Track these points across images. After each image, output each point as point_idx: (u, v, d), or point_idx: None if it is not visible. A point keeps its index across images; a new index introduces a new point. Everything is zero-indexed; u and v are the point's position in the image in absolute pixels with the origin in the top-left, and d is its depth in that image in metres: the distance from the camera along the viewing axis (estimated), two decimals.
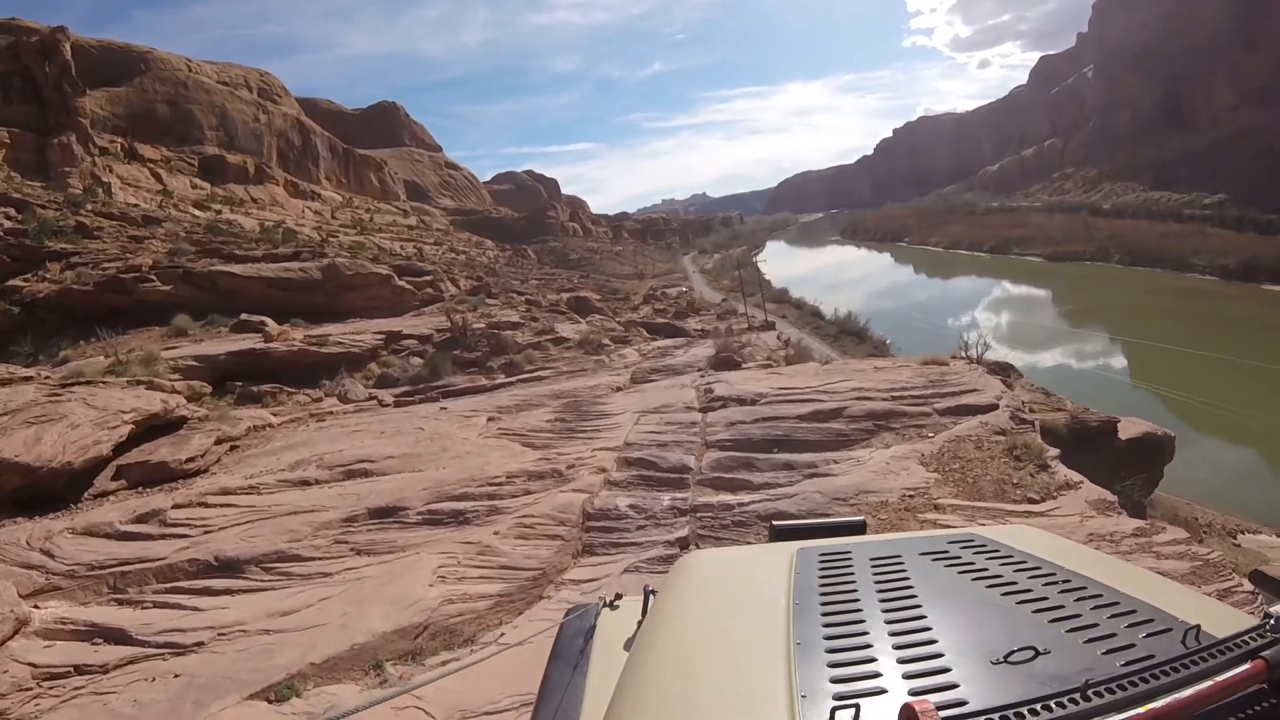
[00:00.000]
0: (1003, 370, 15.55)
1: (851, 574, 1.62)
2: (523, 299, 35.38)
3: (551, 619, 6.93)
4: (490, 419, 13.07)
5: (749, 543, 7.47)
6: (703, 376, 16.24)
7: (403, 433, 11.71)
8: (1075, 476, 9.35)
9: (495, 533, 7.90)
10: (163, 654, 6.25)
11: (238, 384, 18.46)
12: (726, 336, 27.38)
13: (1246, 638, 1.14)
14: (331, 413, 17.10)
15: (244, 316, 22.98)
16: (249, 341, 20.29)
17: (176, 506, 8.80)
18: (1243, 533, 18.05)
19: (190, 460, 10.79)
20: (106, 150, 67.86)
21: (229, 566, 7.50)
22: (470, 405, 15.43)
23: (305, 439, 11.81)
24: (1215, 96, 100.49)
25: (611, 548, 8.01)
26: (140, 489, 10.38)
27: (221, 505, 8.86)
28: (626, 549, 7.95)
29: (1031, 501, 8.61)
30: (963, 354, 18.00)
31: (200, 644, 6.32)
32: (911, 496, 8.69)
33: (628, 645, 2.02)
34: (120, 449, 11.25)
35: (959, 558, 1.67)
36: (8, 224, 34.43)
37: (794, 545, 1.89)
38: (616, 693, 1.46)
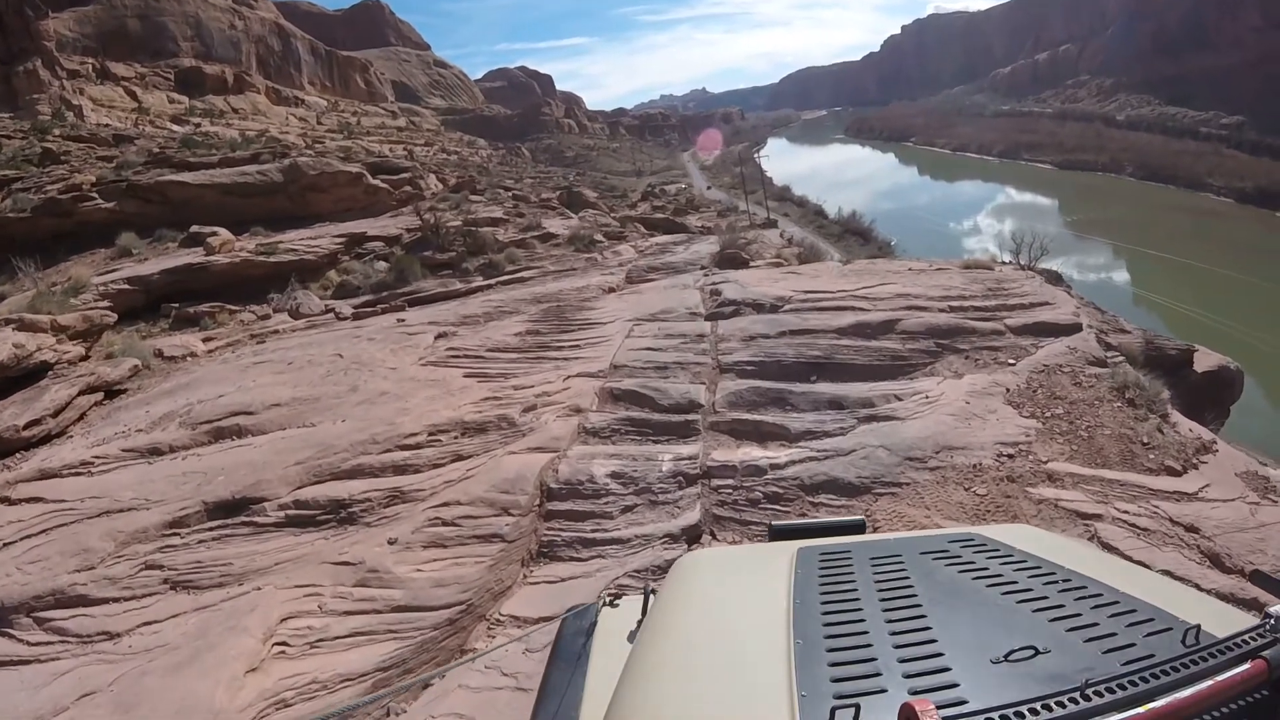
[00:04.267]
0: (1054, 280, 11.98)
1: (852, 574, 1.47)
2: (509, 195, 31.18)
3: (471, 701, 3.89)
4: (441, 335, 9.76)
5: None
6: (707, 276, 12.99)
7: (314, 363, 8.33)
8: (1205, 433, 6.46)
9: (392, 540, 4.72)
10: None
11: (174, 306, 15.25)
12: (730, 233, 23.44)
13: (1247, 637, 1.06)
14: (277, 331, 13.85)
15: (194, 229, 19.33)
16: (187, 256, 16.79)
17: None
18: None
19: (33, 424, 7.59)
20: (77, 73, 61.39)
21: None
22: (430, 316, 12.09)
23: (191, 380, 8.52)
24: (1242, 17, 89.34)
25: (582, 547, 4.88)
26: None
27: (26, 500, 5.73)
28: (605, 549, 4.82)
29: (1172, 473, 5.63)
30: (1011, 258, 14.34)
31: None
32: (1011, 457, 5.69)
33: (628, 643, 1.85)
34: None
35: (959, 557, 1.52)
36: None
37: (794, 545, 1.69)
38: (616, 692, 1.33)
